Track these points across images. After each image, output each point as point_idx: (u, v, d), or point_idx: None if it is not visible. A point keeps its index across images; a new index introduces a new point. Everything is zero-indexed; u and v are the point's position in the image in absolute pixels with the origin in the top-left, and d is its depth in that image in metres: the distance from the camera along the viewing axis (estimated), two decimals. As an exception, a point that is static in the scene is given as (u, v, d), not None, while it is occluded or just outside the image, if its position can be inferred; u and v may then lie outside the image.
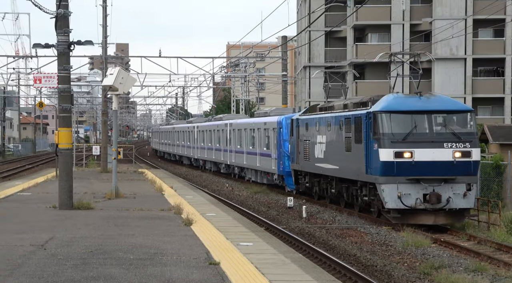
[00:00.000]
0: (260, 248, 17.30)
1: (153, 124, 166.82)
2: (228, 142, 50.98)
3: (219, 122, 55.36)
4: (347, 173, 27.86)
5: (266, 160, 41.06)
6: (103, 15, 49.97)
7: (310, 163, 32.72)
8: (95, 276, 13.22)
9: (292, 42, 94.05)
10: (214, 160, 56.27)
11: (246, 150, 45.83)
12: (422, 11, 69.04)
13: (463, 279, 16.02)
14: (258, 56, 72.56)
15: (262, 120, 43.12)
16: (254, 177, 44.64)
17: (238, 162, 48.01)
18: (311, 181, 33.61)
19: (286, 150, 37.62)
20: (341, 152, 28.32)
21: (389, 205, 24.07)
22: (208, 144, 58.38)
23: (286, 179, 37.70)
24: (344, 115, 28.27)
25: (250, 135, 45.29)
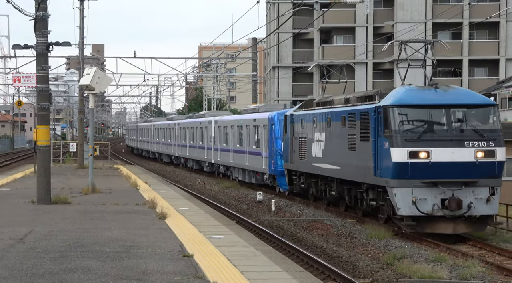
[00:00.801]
0: (231, 240, 17.82)
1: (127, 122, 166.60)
2: (213, 139, 48.51)
3: (202, 119, 53.30)
4: (350, 174, 24.96)
5: (256, 158, 38.51)
6: (80, 17, 50.61)
7: (307, 162, 29.81)
8: (73, 268, 13.62)
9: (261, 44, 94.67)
10: (196, 158, 54.24)
11: (233, 148, 43.29)
12: (385, 15, 70.43)
13: (423, 268, 16.64)
14: (229, 57, 73.27)
15: (251, 116, 40.48)
16: (241, 176, 42.18)
17: (224, 160, 45.58)
18: (307, 181, 30.68)
19: (278, 148, 34.96)
20: (344, 150, 25.39)
21: (402, 211, 21.15)
22: (190, 141, 56.11)
23: (279, 179, 35.22)
24: (347, 111, 25.25)
25: (237, 132, 42.65)
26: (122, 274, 13.18)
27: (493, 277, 16.41)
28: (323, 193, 29.01)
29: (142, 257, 14.94)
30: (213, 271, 13.65)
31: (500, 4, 68.04)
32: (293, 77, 75.25)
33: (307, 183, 30.78)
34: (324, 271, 16.87)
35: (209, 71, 75.46)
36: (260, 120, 38.39)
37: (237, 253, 15.87)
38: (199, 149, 53.02)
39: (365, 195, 24.17)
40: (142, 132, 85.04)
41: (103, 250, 15.79)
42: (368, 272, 17.01)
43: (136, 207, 24.70)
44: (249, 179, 40.60)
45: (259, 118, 38.62)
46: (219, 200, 34.88)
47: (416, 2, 69.10)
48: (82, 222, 20.68)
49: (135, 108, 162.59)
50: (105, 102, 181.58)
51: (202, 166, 53.07)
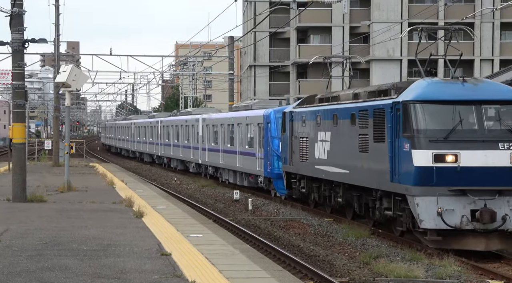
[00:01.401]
0: (209, 239, 17.88)
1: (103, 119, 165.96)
2: (201, 138, 45.66)
3: (188, 117, 50.34)
4: (360, 179, 22.13)
5: (249, 159, 35.69)
6: (55, 14, 50.47)
7: (308, 164, 26.87)
8: (50, 267, 13.59)
9: (238, 43, 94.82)
10: (181, 158, 51.46)
11: (223, 148, 40.60)
12: (361, 15, 70.92)
13: (400, 267, 16.74)
14: (206, 55, 73.24)
15: (243, 114, 37.63)
16: (232, 178, 39.34)
17: (213, 161, 42.73)
18: (309, 186, 27.82)
19: (275, 148, 32.26)
20: (353, 152, 22.51)
21: (426, 224, 18.44)
22: (175, 140, 53.25)
23: (275, 182, 32.46)
24: (357, 107, 22.29)
25: (228, 131, 39.94)
26: (99, 272, 13.17)
27: (469, 276, 16.56)
28: (327, 199, 26.02)
29: (119, 255, 14.94)
30: (191, 269, 13.67)
31: (475, 5, 68.60)
32: (270, 76, 75.39)
33: (308, 187, 27.88)
34: (302, 270, 16.95)
35: (185, 70, 75.40)
36: (254, 118, 35.67)
37: (215, 251, 15.92)
38: (184, 148, 50.39)
39: (378, 203, 21.29)
40: (121, 130, 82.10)
41: (80, 248, 15.77)
42: (345, 271, 17.11)
43: (112, 205, 24.67)
44: (240, 182, 37.89)
45: (253, 116, 35.85)
46: (196, 198, 34.88)
47: (392, 2, 69.49)
48: (59, 220, 20.62)
49: (111, 106, 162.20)
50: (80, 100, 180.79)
51: (188, 167, 50.49)
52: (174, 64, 77.69)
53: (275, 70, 74.66)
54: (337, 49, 69.63)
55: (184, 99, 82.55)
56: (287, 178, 30.11)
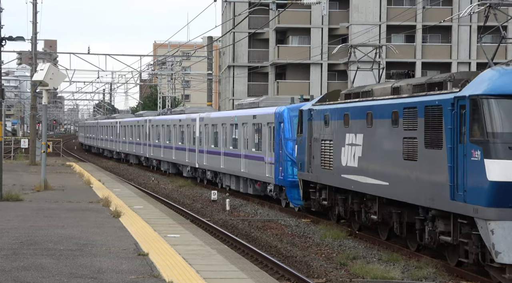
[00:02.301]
0: (187, 239, 17.90)
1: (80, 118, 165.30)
2: (198, 139, 41.49)
3: (183, 116, 45.83)
4: (404, 194, 18.05)
5: (256, 164, 31.62)
6: (33, 12, 50.26)
7: (332, 173, 22.77)
8: (25, 266, 13.54)
9: (217, 43, 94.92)
10: (174, 160, 47.14)
11: (224, 151, 36.32)
12: (340, 16, 71.25)
13: (376, 269, 16.85)
14: (185, 55, 73.21)
15: (249, 113, 33.20)
16: (234, 184, 35.16)
17: (212, 165, 38.45)
18: (332, 198, 23.86)
19: (289, 152, 28.20)
20: (395, 160, 18.54)
21: (505, 257, 14.53)
22: (166, 141, 49.00)
23: (289, 191, 28.29)
24: (401, 104, 18.31)
25: (230, 132, 35.77)
26: (76, 272, 13.14)
27: (444, 277, 16.67)
28: (355, 214, 22.17)
29: (96, 255, 14.93)
30: (168, 270, 13.68)
31: (452, 8, 69.09)
32: (249, 76, 75.46)
33: (331, 199, 23.88)
34: (279, 270, 17.00)
35: (164, 69, 75.32)
36: (263, 117, 31.30)
37: (192, 252, 15.94)
38: (178, 150, 46.00)
39: (430, 225, 17.39)
40: (104, 130, 77.09)
41: (57, 248, 15.73)
42: (322, 272, 17.17)
43: (89, 205, 24.59)
44: (244, 189, 33.75)
45: (262, 115, 31.42)
46: (173, 198, 34.81)
47: (370, 4, 69.80)
48: (35, 219, 20.52)
49: (88, 105, 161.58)
50: (57, 98, 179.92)
51: (181, 170, 46.40)
52: (153, 64, 77.56)
53: (254, 71, 74.73)
54: (316, 51, 69.83)
55: (162, 99, 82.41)
56: (304, 187, 25.87)
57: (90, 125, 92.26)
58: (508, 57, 66.79)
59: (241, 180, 34.02)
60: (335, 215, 24.12)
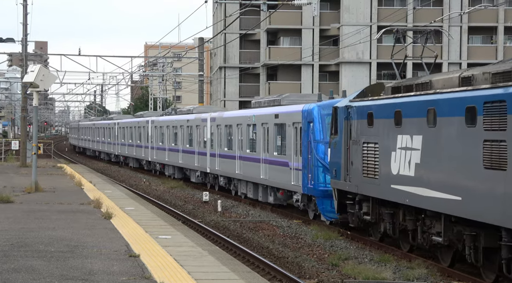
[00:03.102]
0: (178, 240, 17.88)
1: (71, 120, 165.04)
2: (209, 142, 37.75)
3: (190, 116, 42.24)
4: (486, 212, 14.47)
5: (279, 170, 28.18)
6: (23, 14, 50.11)
7: (378, 182, 19.12)
8: (16, 268, 13.48)
9: (208, 44, 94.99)
10: (181, 165, 43.57)
11: (241, 154, 32.89)
12: (331, 17, 71.41)
13: (368, 269, 16.87)
14: (176, 56, 73.20)
15: (270, 111, 29.65)
16: (252, 192, 31.61)
17: (225, 170, 34.88)
18: (376, 212, 20.15)
19: (321, 156, 24.61)
20: (471, 168, 14.96)
21: None
22: (172, 144, 45.53)
23: (320, 202, 24.50)
24: (483, 96, 14.68)
25: (247, 133, 32.19)
26: (67, 274, 13.10)
27: (436, 277, 16.69)
28: (410, 234, 18.55)
29: (87, 257, 14.89)
30: (160, 271, 13.66)
31: (443, 9, 69.26)
32: (240, 78, 75.49)
33: (375, 214, 20.14)
34: (271, 271, 16.99)
35: (155, 71, 75.25)
36: (287, 116, 27.67)
37: (184, 253, 15.92)
38: (185, 153, 42.46)
39: None
40: (101, 131, 73.29)
41: (48, 249, 15.68)
42: (314, 272, 17.17)
43: (81, 207, 24.53)
44: (264, 197, 30.28)
45: (286, 113, 27.83)
46: (165, 200, 34.77)
47: (361, 5, 69.92)
48: (26, 221, 20.46)
49: (79, 106, 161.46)
50: (48, 100, 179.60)
51: (188, 175, 43.09)
52: (144, 65, 77.51)
53: (245, 72, 74.77)
54: (307, 52, 69.92)
55: (153, 100, 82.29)
56: (339, 197, 22.28)
57: (84, 126, 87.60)
58: (499, 57, 66.97)
59: (260, 187, 30.44)
60: (380, 232, 20.33)
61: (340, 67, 70.54)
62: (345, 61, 69.70)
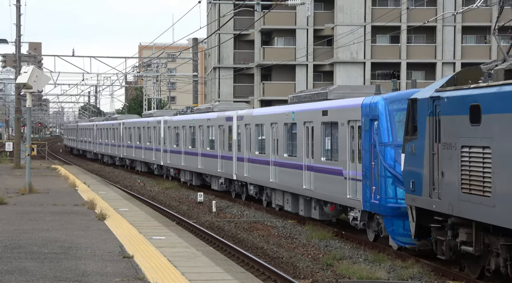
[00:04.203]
0: (172, 241, 17.88)
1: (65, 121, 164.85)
2: (235, 144, 32.80)
3: (212, 114, 36.97)
4: None
5: (329, 180, 22.99)
6: (16, 15, 50.08)
7: (492, 202, 14.10)
8: (9, 270, 13.47)
9: (202, 44, 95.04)
10: (200, 170, 38.43)
11: (276, 159, 27.89)
12: (325, 17, 71.51)
13: (362, 269, 16.88)
14: (170, 57, 73.16)
15: (315, 107, 24.37)
16: (291, 205, 26.45)
17: (257, 177, 29.95)
18: (481, 242, 15.26)
19: (390, 164, 19.46)
20: None
21: None
22: (189, 146, 40.61)
23: (389, 222, 19.37)
24: None
25: (284, 134, 27.07)
26: (60, 275, 13.10)
27: (430, 277, 16.70)
28: None
29: (81, 258, 14.88)
30: (153, 272, 13.66)
31: (437, 9, 69.35)
32: (234, 78, 75.50)
33: (480, 244, 15.27)
34: (265, 272, 16.98)
35: (149, 71, 75.22)
36: (340, 112, 22.38)
37: (178, 254, 15.92)
38: (205, 157, 37.46)
39: None
40: (104, 133, 68.36)
41: (41, 251, 15.67)
42: (308, 272, 17.17)
43: (74, 208, 24.50)
44: (307, 212, 25.26)
45: (339, 109, 22.49)
46: (159, 200, 34.72)
47: (355, 5, 69.99)
48: (19, 222, 20.42)
49: (74, 108, 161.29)
50: (42, 101, 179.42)
51: (209, 182, 38.20)
52: (138, 66, 77.51)
53: (239, 72, 74.78)
54: (302, 52, 69.95)
55: (148, 101, 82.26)
56: (419, 218, 17.41)
57: (84, 127, 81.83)
58: (493, 57, 67.08)
59: (302, 199, 25.43)
60: (490, 270, 15.21)
61: (334, 67, 70.59)
62: (339, 61, 69.75)
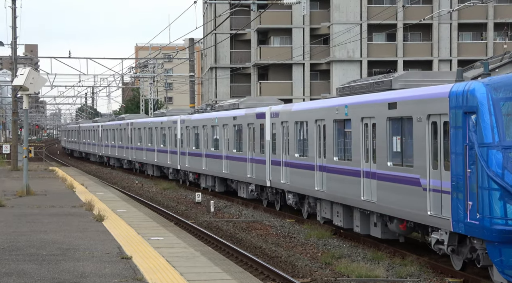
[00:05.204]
0: (170, 242, 17.86)
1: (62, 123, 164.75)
2: (268, 146, 28.57)
3: (238, 112, 32.67)
4: None
5: (401, 190, 18.21)
6: (12, 17, 50.06)
7: None
8: (7, 272, 13.46)
9: (199, 44, 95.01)
10: (224, 175, 34.15)
11: (321, 163, 23.48)
12: (321, 16, 71.56)
13: (361, 267, 16.87)
14: (166, 57, 73.09)
15: (378, 98, 19.64)
16: (342, 219, 21.99)
17: (298, 184, 25.55)
18: None
19: (496, 172, 14.82)
20: None
21: None
22: (211, 148, 36.23)
23: (496, 251, 14.79)
24: None
25: (334, 133, 22.52)
26: (58, 277, 13.10)
27: (429, 274, 16.69)
28: None
29: (79, 259, 14.86)
30: (152, 272, 13.65)
31: (432, 6, 69.39)
32: (231, 78, 75.48)
33: None
34: (264, 271, 16.97)
35: (146, 72, 75.21)
36: (414, 105, 17.73)
37: (176, 254, 15.90)
38: (231, 160, 33.27)
39: None
40: (110, 134, 64.62)
41: (39, 253, 15.65)
42: (307, 271, 17.15)
43: (72, 209, 24.46)
44: (364, 228, 20.83)
45: (414, 100, 17.79)
46: (157, 201, 34.70)
47: (351, 3, 70.00)
48: (17, 225, 20.40)
49: (71, 109, 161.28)
50: (39, 103, 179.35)
51: (235, 188, 33.79)
52: (134, 67, 77.48)
53: (236, 72, 74.76)
54: (298, 51, 69.93)
55: (145, 102, 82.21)
56: None
57: (87, 129, 77.99)
58: (489, 54, 67.13)
59: (358, 212, 21.09)
60: None
61: (331, 66, 70.61)
62: (336, 59, 69.75)
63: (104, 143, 67.59)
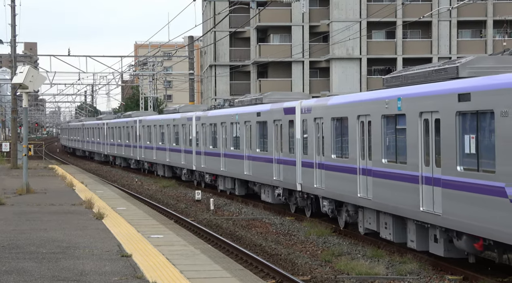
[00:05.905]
0: (170, 240, 17.87)
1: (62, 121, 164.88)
2: (299, 145, 25.41)
3: (262, 107, 29.44)
4: None
5: (478, 201, 14.92)
6: (11, 15, 50.04)
7: None
8: (8, 270, 13.47)
9: (198, 42, 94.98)
10: (246, 177, 31.05)
11: (365, 166, 20.41)
12: (320, 14, 71.55)
13: (361, 265, 16.89)
14: (166, 55, 73.10)
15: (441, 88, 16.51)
16: (392, 232, 18.93)
17: (334, 189, 22.34)
18: None
19: None
20: None
21: None
22: (231, 147, 33.16)
23: None
24: None
25: (382, 130, 19.32)
26: (59, 275, 13.11)
27: (429, 272, 16.70)
28: None
29: (79, 257, 14.88)
30: (152, 270, 13.65)
31: (432, 4, 69.36)
32: (230, 75, 75.46)
33: None
34: (264, 269, 16.97)
35: (145, 70, 75.23)
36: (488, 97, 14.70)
37: (176, 252, 15.92)
38: (254, 161, 30.18)
39: None
40: (116, 132, 61.72)
41: (39, 251, 15.66)
42: (307, 269, 17.16)
43: (72, 207, 24.47)
44: (421, 243, 17.73)
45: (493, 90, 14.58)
46: (157, 199, 34.71)
47: (351, 1, 69.98)
48: (17, 223, 20.40)
49: (70, 107, 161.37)
50: (38, 101, 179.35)
51: (257, 191, 30.79)
52: (134, 65, 77.50)
53: (235, 69, 74.74)
54: (297, 49, 69.91)
55: (144, 99, 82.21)
56: None
57: (91, 126, 74.63)
58: (489, 51, 67.12)
59: (413, 225, 17.87)
60: None
61: (330, 64, 70.56)
62: (335, 57, 69.74)
63: (109, 141, 64.48)
